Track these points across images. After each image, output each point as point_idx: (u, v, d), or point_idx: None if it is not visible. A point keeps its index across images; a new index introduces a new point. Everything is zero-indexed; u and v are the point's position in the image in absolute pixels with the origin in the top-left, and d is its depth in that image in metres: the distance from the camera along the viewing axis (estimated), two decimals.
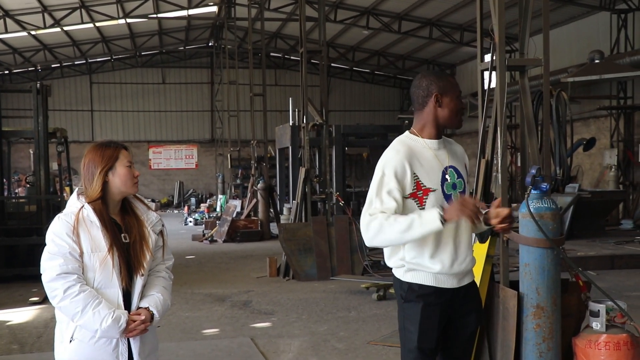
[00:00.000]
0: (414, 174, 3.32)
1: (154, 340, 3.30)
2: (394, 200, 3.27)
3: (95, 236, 3.07)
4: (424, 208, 3.30)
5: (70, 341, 3.08)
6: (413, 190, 3.31)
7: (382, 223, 3.22)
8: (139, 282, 3.16)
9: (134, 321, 3.08)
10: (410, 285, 3.39)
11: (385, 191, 3.31)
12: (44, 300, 9.17)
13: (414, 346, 3.37)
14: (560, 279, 4.56)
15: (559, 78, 17.19)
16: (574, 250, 12.20)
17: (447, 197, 3.38)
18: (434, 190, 3.35)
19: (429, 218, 3.17)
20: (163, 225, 3.38)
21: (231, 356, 6.59)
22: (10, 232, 11.20)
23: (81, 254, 3.05)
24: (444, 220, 3.14)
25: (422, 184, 3.34)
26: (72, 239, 3.04)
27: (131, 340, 3.12)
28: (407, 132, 3.52)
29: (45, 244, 3.11)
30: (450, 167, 3.43)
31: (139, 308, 3.15)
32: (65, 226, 3.06)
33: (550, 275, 4.45)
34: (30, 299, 9.38)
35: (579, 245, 12.95)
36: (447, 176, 3.41)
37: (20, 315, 8.60)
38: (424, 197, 3.33)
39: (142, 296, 3.19)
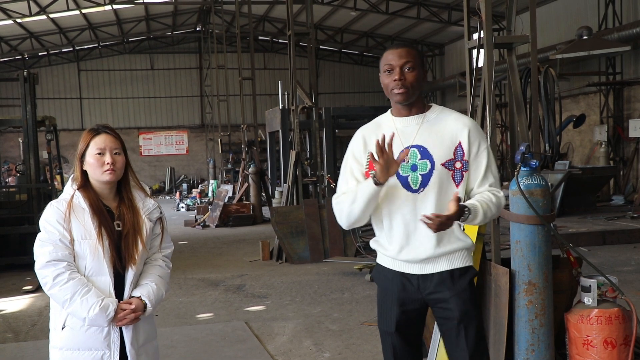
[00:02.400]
0: (370, 152, 3.19)
1: (149, 329, 3.25)
2: (354, 180, 3.24)
3: (86, 223, 3.05)
4: None
5: (63, 328, 3.07)
6: (366, 168, 3.23)
7: (340, 202, 3.22)
8: (131, 271, 3.12)
9: (124, 310, 3.06)
10: (377, 266, 3.42)
11: (346, 173, 3.30)
12: (37, 288, 9.17)
13: (379, 327, 3.40)
14: (552, 256, 4.58)
15: (548, 55, 17.21)
16: (565, 226, 12.28)
17: (403, 179, 3.17)
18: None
19: (365, 183, 3.12)
20: (161, 213, 3.33)
21: (226, 340, 6.62)
22: (1, 222, 11.16)
23: (72, 241, 3.03)
24: (378, 182, 3.04)
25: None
26: (63, 226, 3.02)
27: (123, 328, 3.09)
28: (388, 111, 3.40)
29: (38, 232, 3.10)
30: (415, 146, 3.17)
31: (131, 297, 3.12)
32: (56, 213, 3.05)
33: (542, 252, 4.48)
34: (23, 288, 9.37)
35: (570, 221, 13.03)
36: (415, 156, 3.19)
37: (14, 304, 8.59)
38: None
39: (136, 285, 3.16)
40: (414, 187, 3.16)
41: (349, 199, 3.17)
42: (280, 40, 33.86)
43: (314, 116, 13.29)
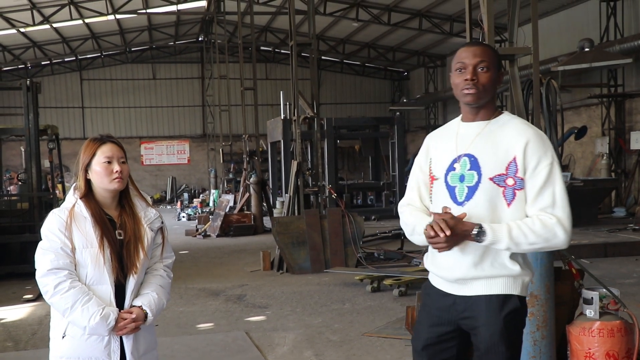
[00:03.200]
0: (430, 158, 3.07)
1: (150, 339, 3.24)
2: (416, 189, 3.15)
3: (88, 232, 3.05)
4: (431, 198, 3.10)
5: (63, 337, 3.06)
6: (428, 175, 3.10)
7: (403, 218, 3.13)
8: (132, 280, 3.12)
9: (124, 319, 3.05)
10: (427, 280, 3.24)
11: (411, 181, 3.20)
12: (38, 297, 9.15)
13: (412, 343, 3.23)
14: (554, 267, 4.57)
15: (549, 67, 17.24)
16: None
17: (451, 190, 2.97)
18: (437, 179, 3.04)
19: (420, 230, 2.97)
20: (162, 223, 3.32)
21: (226, 350, 6.59)
22: (2, 230, 11.16)
23: (73, 250, 3.03)
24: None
25: (432, 169, 3.08)
26: (65, 234, 3.02)
27: (124, 338, 3.08)
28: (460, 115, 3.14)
29: (39, 241, 3.10)
30: (467, 155, 2.93)
31: (132, 306, 3.11)
32: (57, 222, 3.05)
33: (544, 264, 4.47)
34: (24, 297, 9.35)
35: (572, 233, 13.00)
36: (456, 164, 2.96)
37: (14, 313, 8.57)
38: (432, 185, 3.08)
39: (137, 294, 3.16)
40: (459, 200, 2.94)
41: (409, 227, 3.09)
42: (282, 51, 33.94)
43: (316, 126, 13.29)
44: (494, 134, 2.93)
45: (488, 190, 2.88)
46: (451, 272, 2.98)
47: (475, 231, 2.80)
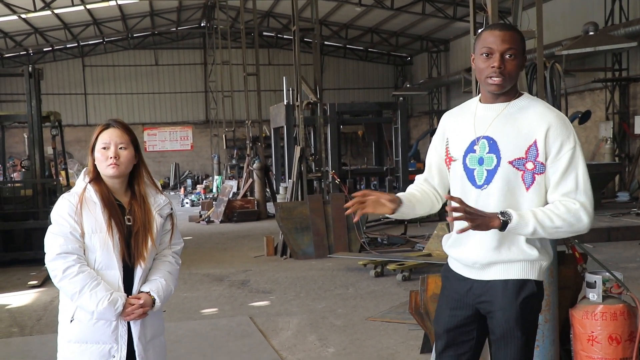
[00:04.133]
0: (447, 139, 3.04)
1: (157, 324, 3.26)
2: (428, 168, 3.17)
3: (97, 217, 3.05)
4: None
5: (71, 321, 3.08)
6: (444, 156, 3.07)
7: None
8: (140, 267, 3.12)
9: (132, 304, 3.06)
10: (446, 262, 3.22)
11: (428, 159, 3.20)
12: (43, 283, 9.20)
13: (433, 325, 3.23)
14: (557, 252, 4.57)
15: (553, 51, 17.15)
16: None
17: (469, 172, 2.92)
18: (455, 160, 2.99)
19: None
20: (172, 209, 3.32)
21: (230, 335, 6.63)
22: (6, 217, 11.19)
23: (82, 234, 3.04)
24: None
25: (450, 151, 3.03)
26: (74, 219, 3.03)
27: (131, 323, 3.09)
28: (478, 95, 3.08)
29: (44, 227, 3.11)
30: (485, 137, 2.88)
31: (140, 292, 3.12)
32: (67, 206, 3.05)
33: None
34: (29, 283, 9.39)
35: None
36: (475, 147, 2.91)
37: (19, 299, 8.61)
38: (449, 165, 3.04)
39: (145, 280, 3.16)
40: (478, 182, 2.89)
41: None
42: (284, 36, 33.83)
43: (319, 112, 13.27)
44: (513, 117, 2.88)
45: (507, 174, 2.84)
46: (469, 256, 2.97)
47: (503, 217, 2.73)
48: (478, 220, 2.70)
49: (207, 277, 9.79)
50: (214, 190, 25.07)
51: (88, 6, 25.51)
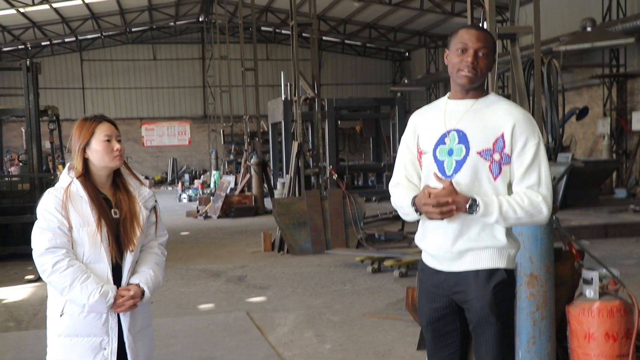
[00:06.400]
0: (417, 135, 3.16)
1: (146, 316, 3.30)
2: (402, 168, 3.21)
3: (84, 211, 3.07)
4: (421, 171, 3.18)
5: (61, 315, 3.11)
6: (415, 152, 3.18)
7: (394, 198, 3.19)
8: (129, 258, 3.15)
9: (122, 296, 3.08)
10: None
11: (399, 162, 3.24)
12: (39, 278, 9.16)
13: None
14: (554, 248, 4.57)
15: (551, 47, 17.15)
16: (568, 219, 12.26)
17: (439, 164, 3.05)
18: (425, 153, 3.12)
19: (408, 205, 3.06)
20: (156, 201, 3.36)
21: (227, 330, 6.62)
22: (4, 211, 11.18)
23: (70, 229, 3.05)
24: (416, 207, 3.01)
25: (420, 145, 3.16)
26: (61, 213, 3.04)
27: (121, 315, 3.12)
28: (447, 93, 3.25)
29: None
30: (456, 130, 3.03)
31: (129, 284, 3.15)
32: (54, 201, 3.07)
33: (544, 244, 4.46)
34: (25, 277, 9.39)
35: (572, 214, 13.02)
36: (446, 139, 3.05)
37: (16, 293, 8.61)
38: (420, 159, 3.16)
39: (133, 272, 3.19)
40: (447, 173, 3.03)
41: (398, 204, 3.15)
42: (283, 31, 33.79)
43: (317, 107, 13.26)
44: (482, 112, 3.05)
45: (475, 163, 3.00)
46: (438, 247, 3.09)
47: (468, 204, 2.91)
48: (447, 211, 2.89)
49: (204, 273, 9.79)
50: (212, 185, 25.05)
51: (86, 0, 25.46)
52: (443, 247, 3.08)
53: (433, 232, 3.11)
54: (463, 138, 3.02)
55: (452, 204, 2.89)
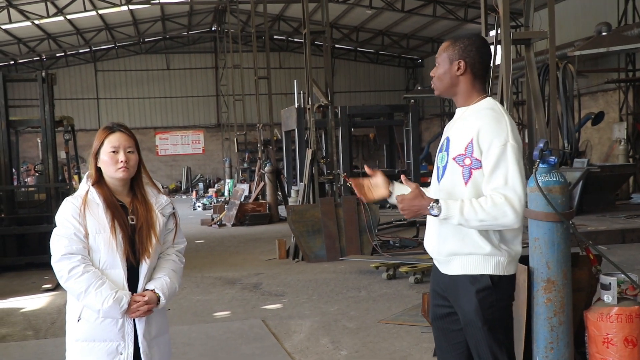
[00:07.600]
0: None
1: (162, 322, 3.31)
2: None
3: (100, 217, 3.11)
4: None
5: (78, 320, 3.15)
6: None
7: None
8: (145, 264, 3.17)
9: (137, 302, 3.10)
10: None
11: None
12: (57, 287, 9.22)
13: None
14: (571, 253, 4.54)
15: (566, 52, 17.07)
16: (584, 225, 12.17)
17: (437, 170, 3.22)
18: (435, 162, 3.30)
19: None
20: (174, 209, 3.39)
21: (243, 338, 6.62)
22: (21, 221, 11.26)
23: (86, 235, 3.09)
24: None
25: None
26: (78, 220, 3.09)
27: (136, 321, 3.14)
28: None
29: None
30: (447, 137, 3.18)
31: (145, 290, 3.17)
32: (71, 208, 3.12)
33: (560, 249, 4.43)
34: (43, 286, 9.44)
35: (589, 220, 12.91)
36: (442, 146, 3.23)
37: (33, 302, 8.65)
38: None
39: (150, 279, 3.21)
40: (439, 179, 3.18)
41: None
42: (295, 39, 33.89)
43: (330, 115, 13.28)
44: (466, 119, 3.12)
45: (452, 169, 3.08)
46: (430, 249, 3.25)
47: (430, 205, 2.98)
48: (408, 212, 3.02)
49: (219, 280, 9.80)
50: (226, 193, 25.11)
51: (100, 11, 25.67)
52: (435, 250, 3.21)
53: (427, 235, 3.29)
54: (447, 145, 3.13)
55: (415, 206, 2.98)
